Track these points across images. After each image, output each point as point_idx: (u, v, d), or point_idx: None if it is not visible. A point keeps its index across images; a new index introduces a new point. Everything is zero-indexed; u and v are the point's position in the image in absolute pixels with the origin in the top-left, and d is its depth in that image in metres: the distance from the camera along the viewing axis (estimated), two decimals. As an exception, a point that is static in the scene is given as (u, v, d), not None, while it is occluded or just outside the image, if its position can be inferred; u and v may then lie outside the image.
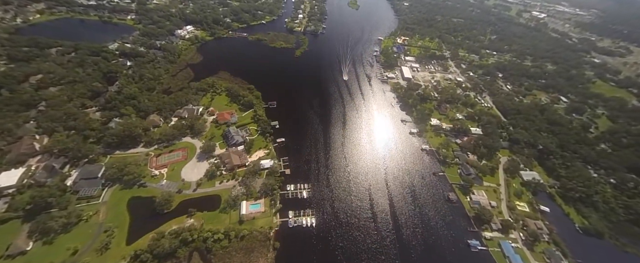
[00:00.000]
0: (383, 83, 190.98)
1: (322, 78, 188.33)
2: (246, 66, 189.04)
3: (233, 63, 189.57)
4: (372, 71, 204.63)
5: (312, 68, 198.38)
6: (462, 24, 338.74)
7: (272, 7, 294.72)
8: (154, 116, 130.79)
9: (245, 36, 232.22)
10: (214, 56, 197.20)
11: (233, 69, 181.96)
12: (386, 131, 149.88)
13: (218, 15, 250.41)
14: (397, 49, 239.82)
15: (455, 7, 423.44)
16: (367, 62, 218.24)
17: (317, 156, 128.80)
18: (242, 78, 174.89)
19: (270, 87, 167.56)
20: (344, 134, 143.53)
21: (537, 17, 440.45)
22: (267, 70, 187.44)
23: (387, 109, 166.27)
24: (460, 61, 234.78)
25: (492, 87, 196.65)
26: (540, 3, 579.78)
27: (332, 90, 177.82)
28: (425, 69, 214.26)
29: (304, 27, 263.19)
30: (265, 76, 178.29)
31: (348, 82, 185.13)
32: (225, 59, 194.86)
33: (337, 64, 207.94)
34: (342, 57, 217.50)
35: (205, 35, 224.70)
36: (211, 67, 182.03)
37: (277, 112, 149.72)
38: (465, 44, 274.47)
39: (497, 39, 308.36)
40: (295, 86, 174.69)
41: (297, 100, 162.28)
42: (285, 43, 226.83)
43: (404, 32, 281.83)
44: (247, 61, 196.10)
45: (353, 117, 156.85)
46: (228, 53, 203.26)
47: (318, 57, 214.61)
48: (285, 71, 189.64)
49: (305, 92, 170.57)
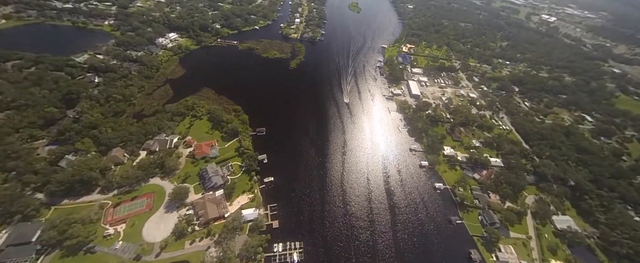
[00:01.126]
0: (388, 100, 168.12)
1: (319, 96, 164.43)
2: (234, 81, 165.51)
3: (219, 78, 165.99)
4: (376, 86, 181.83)
5: (309, 83, 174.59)
6: (471, 29, 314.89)
7: (267, 11, 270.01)
8: (118, 151, 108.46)
9: (235, 44, 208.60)
10: (198, 69, 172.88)
11: (219, 85, 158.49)
12: (392, 163, 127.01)
13: (206, 20, 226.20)
14: (402, 59, 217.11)
15: (461, 10, 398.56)
16: (370, 74, 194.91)
17: (312, 201, 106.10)
18: (228, 97, 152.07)
19: (260, 108, 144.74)
20: (343, 170, 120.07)
21: (547, 20, 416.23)
22: (257, 86, 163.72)
23: (393, 135, 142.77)
24: (472, 73, 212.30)
25: (509, 105, 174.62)
26: (548, 5, 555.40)
27: (331, 111, 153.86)
28: (435, 83, 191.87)
29: (301, 34, 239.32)
30: (255, 94, 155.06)
31: (349, 102, 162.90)
32: (211, 72, 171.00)
33: (336, 78, 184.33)
34: (342, 69, 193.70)
35: (191, 43, 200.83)
36: (194, 83, 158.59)
37: (267, 141, 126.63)
38: (475, 52, 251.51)
39: (509, 46, 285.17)
40: (288, 106, 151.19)
41: (291, 125, 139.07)
42: (280, 53, 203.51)
43: (410, 39, 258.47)
44: (236, 74, 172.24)
45: (355, 146, 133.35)
46: (214, 65, 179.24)
47: (316, 69, 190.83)
48: (279, 87, 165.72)
49: (300, 114, 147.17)
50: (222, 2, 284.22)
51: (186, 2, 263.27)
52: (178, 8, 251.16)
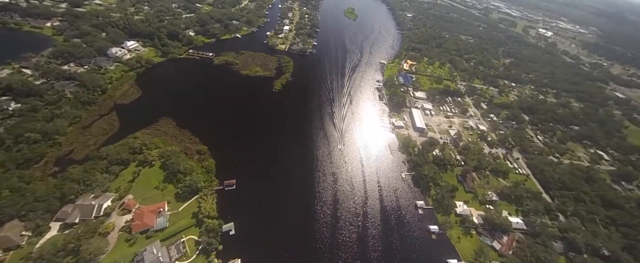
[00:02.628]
0: (389, 134, 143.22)
1: (308, 131, 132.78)
2: (203, 107, 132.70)
3: (185, 103, 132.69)
4: (375, 114, 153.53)
5: (296, 112, 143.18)
6: (472, 43, 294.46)
7: (252, 16, 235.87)
8: (13, 227, 74.88)
9: (210, 56, 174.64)
10: (159, 90, 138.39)
11: (182, 114, 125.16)
12: (397, 232, 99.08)
13: (178, 25, 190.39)
14: (403, 79, 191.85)
15: (460, 20, 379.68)
16: (368, 99, 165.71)
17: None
18: (192, 131, 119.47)
19: (232, 149, 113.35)
20: (334, 243, 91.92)
21: (545, 35, 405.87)
22: (231, 116, 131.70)
23: (397, 189, 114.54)
24: (479, 98, 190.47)
25: (522, 141, 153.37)
26: (542, 18, 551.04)
27: (322, 153, 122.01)
28: (440, 111, 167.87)
29: (290, 45, 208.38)
30: (227, 128, 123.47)
31: (344, 147, 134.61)
32: (175, 95, 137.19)
33: (328, 104, 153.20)
34: (336, 92, 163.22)
35: (154, 55, 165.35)
36: (150, 110, 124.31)
37: (237, 200, 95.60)
38: (479, 71, 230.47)
39: (512, 64, 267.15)
40: (268, 146, 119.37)
41: (269, 175, 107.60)
42: (262, 70, 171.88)
43: (410, 54, 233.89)
44: (206, 98, 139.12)
45: (349, 207, 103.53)
46: (181, 85, 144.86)
47: (304, 92, 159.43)
48: (258, 117, 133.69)
49: (283, 159, 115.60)
50: (201, 2, 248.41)
51: (157, 1, 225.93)
52: (146, 8, 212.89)
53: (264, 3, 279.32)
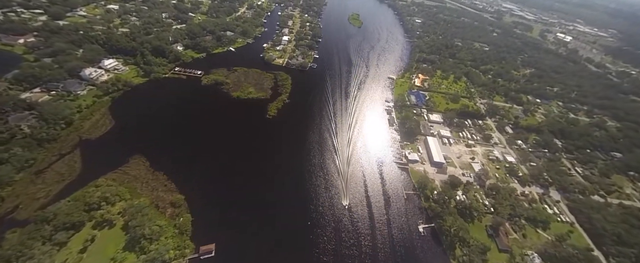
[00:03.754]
0: (402, 172, 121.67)
1: (305, 174, 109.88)
2: (184, 140, 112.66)
3: (163, 135, 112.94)
4: (384, 144, 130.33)
5: (292, 147, 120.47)
6: (487, 52, 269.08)
7: (248, 26, 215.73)
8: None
9: (198, 75, 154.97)
10: (135, 119, 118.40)
11: (158, 151, 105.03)
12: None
13: (165, 39, 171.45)
14: (416, 98, 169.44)
15: (472, 25, 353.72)
16: (376, 124, 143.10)
17: None
18: (168, 174, 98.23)
19: (214, 196, 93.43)
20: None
21: (564, 40, 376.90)
22: (217, 150, 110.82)
23: (414, 247, 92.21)
24: (502, 119, 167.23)
25: (560, 177, 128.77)
26: (557, 20, 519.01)
27: (322, 203, 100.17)
28: (459, 138, 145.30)
29: (288, 58, 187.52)
30: (209, 170, 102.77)
31: (349, 188, 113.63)
32: (153, 125, 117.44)
33: (331, 133, 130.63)
34: (340, 117, 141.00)
35: (135, 75, 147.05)
36: (121, 146, 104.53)
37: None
38: (498, 86, 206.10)
39: (533, 75, 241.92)
40: (257, 193, 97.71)
41: (257, 235, 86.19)
42: (256, 90, 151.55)
43: (421, 67, 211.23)
44: (189, 129, 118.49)
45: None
46: (160, 112, 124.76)
47: (303, 119, 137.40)
48: (247, 154, 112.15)
49: (273, 210, 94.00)
50: (194, 11, 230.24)
51: (146, 11, 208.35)
52: (133, 19, 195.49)
53: (262, 10, 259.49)
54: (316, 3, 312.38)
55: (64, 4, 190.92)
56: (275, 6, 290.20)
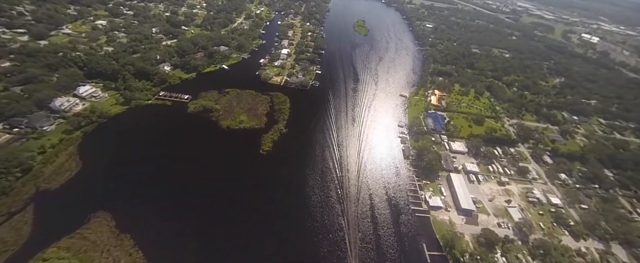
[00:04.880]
0: (422, 221, 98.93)
1: (305, 231, 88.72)
2: (160, 187, 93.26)
3: (136, 181, 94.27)
4: (398, 184, 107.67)
5: (287, 196, 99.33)
6: (509, 59, 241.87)
7: (244, 39, 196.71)
8: None
9: (185, 100, 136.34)
10: (106, 159, 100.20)
11: (128, 204, 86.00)
12: None
13: (151, 59, 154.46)
14: (433, 121, 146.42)
15: (489, 28, 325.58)
16: (389, 157, 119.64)
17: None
18: (135, 237, 77.84)
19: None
20: None
21: (590, 41, 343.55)
22: (198, 200, 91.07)
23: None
24: (536, 146, 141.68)
25: (622, 227, 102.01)
26: (579, 19, 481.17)
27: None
28: (489, 173, 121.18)
29: (287, 76, 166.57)
30: (188, 222, 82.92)
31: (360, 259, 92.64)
32: (126, 167, 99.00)
33: (335, 174, 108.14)
34: (346, 153, 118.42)
35: (114, 102, 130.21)
36: (85, 198, 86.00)
37: None
38: (526, 101, 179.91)
39: (564, 85, 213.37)
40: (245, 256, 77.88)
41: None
42: (249, 118, 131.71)
43: (436, 81, 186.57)
44: (167, 170, 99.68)
45: None
46: (137, 150, 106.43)
47: (302, 155, 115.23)
48: (233, 205, 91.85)
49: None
50: (188, 24, 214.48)
51: (136, 27, 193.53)
52: (121, 36, 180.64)
53: (260, 20, 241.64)
54: (319, 10, 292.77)
55: (49, 22, 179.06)
56: (274, 15, 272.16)
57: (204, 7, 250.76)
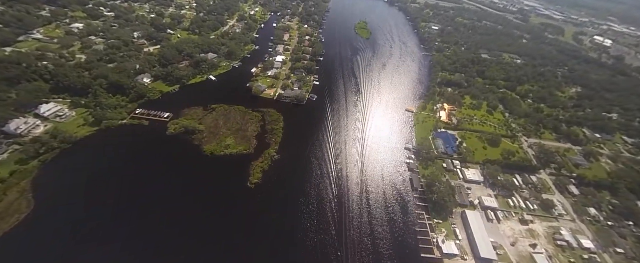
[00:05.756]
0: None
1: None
2: (125, 231, 77.88)
3: (96, 226, 78.32)
4: (408, 220, 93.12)
5: (279, 236, 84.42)
6: (521, 65, 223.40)
7: (235, 45, 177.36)
8: None
9: (165, 119, 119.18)
10: (64, 197, 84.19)
11: (89, 254, 71.08)
12: None
13: (129, 70, 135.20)
14: (444, 142, 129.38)
15: (497, 30, 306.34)
16: (394, 189, 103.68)
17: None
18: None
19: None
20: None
21: (603, 44, 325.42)
22: (175, 245, 75.77)
23: None
24: (559, 171, 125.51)
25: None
26: (588, 19, 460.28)
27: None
28: (509, 207, 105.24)
29: (281, 87, 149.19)
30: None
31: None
32: (86, 208, 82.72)
33: (332, 214, 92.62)
34: (346, 182, 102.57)
35: (82, 122, 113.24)
36: (33, 252, 70.64)
37: None
38: (543, 114, 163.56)
39: (581, 95, 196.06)
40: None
41: None
42: (236, 142, 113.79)
43: (445, 93, 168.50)
44: (136, 210, 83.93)
45: None
46: (102, 184, 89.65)
47: (296, 186, 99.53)
48: (213, 250, 76.46)
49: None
50: (174, 27, 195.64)
51: (116, 31, 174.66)
52: (98, 42, 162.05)
53: (254, 23, 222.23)
54: (317, 10, 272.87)
55: (18, 26, 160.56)
56: (270, 16, 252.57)
57: (194, 7, 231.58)
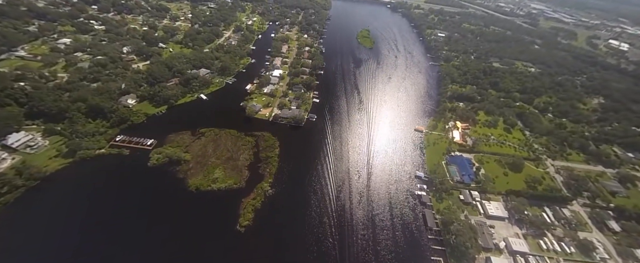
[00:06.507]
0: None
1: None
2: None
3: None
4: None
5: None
6: (537, 75, 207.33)
7: (230, 59, 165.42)
8: None
9: (148, 147, 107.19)
10: (27, 250, 71.41)
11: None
12: None
13: (113, 91, 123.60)
14: (459, 169, 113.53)
15: (506, 35, 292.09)
16: (404, 229, 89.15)
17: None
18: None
19: None
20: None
21: (619, 48, 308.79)
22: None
23: None
24: (593, 202, 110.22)
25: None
26: (600, 21, 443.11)
27: None
28: (543, 253, 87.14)
29: (278, 106, 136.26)
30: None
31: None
32: (56, 257, 70.51)
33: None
34: (350, 223, 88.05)
35: (55, 153, 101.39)
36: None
37: None
38: (568, 134, 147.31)
39: (605, 108, 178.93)
40: None
41: None
42: (225, 174, 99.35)
43: (457, 108, 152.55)
44: (107, 256, 74.14)
45: None
46: (73, 228, 77.48)
47: (293, 230, 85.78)
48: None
49: None
50: (167, 41, 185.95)
51: (104, 47, 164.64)
52: (84, 59, 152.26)
53: (251, 34, 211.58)
54: (318, 19, 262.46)
55: (2, 43, 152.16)
56: (268, 25, 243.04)
57: (189, 18, 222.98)
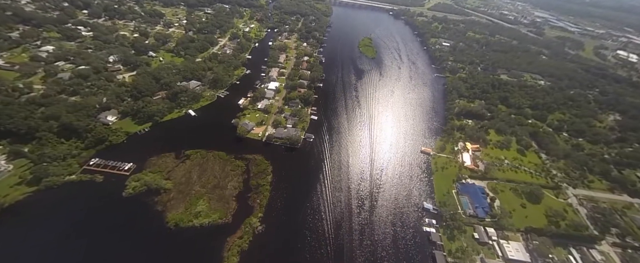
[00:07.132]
0: None
1: None
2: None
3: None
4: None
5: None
6: (548, 91, 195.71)
7: (223, 70, 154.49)
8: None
9: (125, 172, 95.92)
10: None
11: None
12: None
13: (92, 105, 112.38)
14: (472, 200, 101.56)
15: (512, 45, 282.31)
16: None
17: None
18: None
19: None
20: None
21: (628, 59, 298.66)
22: None
23: None
24: (624, 241, 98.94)
25: None
26: (605, 31, 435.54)
27: None
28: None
29: (272, 124, 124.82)
30: None
31: None
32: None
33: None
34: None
35: (16, 180, 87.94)
36: None
37: None
38: (588, 158, 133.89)
39: (622, 125, 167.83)
40: None
41: None
42: (209, 207, 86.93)
43: (466, 126, 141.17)
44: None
45: None
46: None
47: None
48: None
49: None
50: (157, 49, 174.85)
51: (89, 56, 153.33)
52: (66, 68, 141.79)
53: (247, 42, 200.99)
54: (318, 26, 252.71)
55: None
56: (266, 32, 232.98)
57: (183, 25, 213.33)
